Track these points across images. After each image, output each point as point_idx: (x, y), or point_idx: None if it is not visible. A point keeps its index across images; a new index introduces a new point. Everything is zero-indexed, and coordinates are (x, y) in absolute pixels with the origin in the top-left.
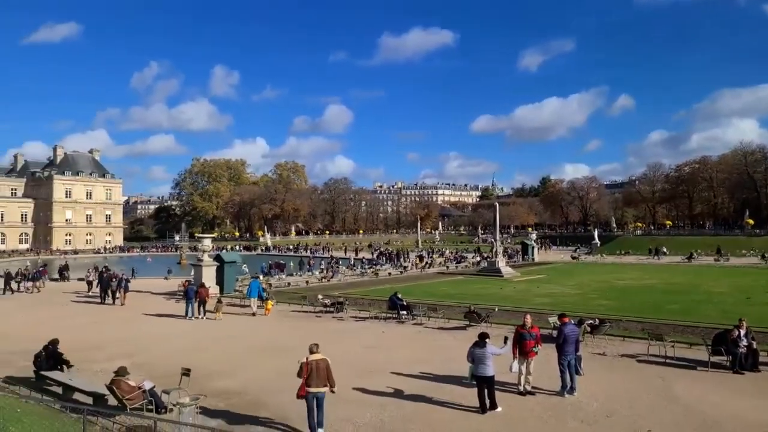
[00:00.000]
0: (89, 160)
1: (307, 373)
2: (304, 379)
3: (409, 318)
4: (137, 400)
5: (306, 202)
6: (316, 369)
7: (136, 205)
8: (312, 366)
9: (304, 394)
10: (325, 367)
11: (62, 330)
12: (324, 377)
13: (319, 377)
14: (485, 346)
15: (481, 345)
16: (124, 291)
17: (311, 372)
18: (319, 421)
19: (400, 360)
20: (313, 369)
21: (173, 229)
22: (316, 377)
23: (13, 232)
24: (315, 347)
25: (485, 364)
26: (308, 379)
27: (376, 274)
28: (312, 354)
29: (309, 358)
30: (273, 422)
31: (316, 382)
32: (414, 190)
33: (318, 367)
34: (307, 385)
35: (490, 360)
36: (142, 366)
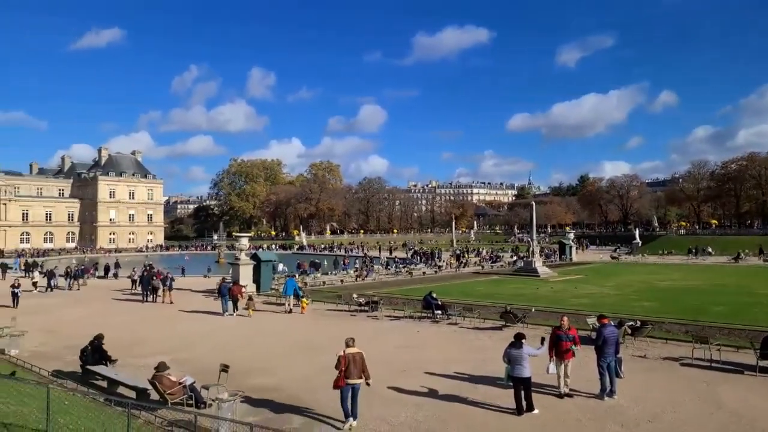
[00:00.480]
0: (132, 161)
1: (344, 366)
2: (342, 371)
3: (443, 318)
4: (178, 395)
5: (341, 201)
6: (352, 361)
7: (176, 205)
8: (349, 358)
9: (342, 385)
10: (361, 360)
11: (106, 326)
12: (360, 369)
13: (355, 369)
14: (522, 347)
15: (518, 346)
16: (169, 289)
17: (348, 364)
18: (353, 411)
19: (435, 360)
20: (350, 361)
21: (212, 229)
22: (353, 369)
23: (61, 231)
24: (351, 341)
25: (522, 365)
26: (345, 371)
27: (410, 274)
28: (348, 347)
29: (346, 351)
30: (309, 417)
31: (353, 374)
32: (449, 189)
33: (354, 360)
34: (345, 376)
35: (527, 361)
36: (182, 362)
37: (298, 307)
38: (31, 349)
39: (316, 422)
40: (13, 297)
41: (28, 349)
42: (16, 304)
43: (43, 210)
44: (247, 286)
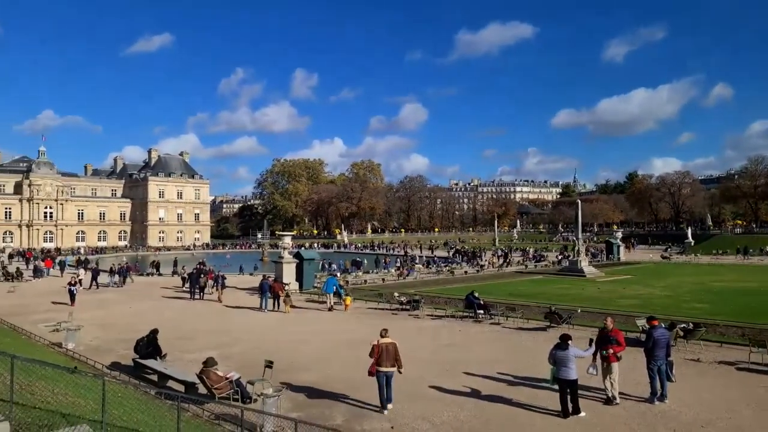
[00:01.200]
0: (180, 162)
1: (377, 354)
2: (375, 359)
3: (486, 317)
4: (224, 390)
5: (382, 200)
6: (385, 350)
7: (221, 205)
8: (382, 348)
9: (374, 372)
10: (394, 350)
11: (156, 322)
12: (392, 358)
13: (388, 358)
14: (568, 348)
15: (564, 347)
16: (221, 288)
17: (381, 353)
18: (388, 396)
19: (478, 360)
20: (383, 350)
21: (256, 227)
22: (386, 358)
23: (113, 230)
24: (384, 332)
25: (568, 367)
26: (379, 360)
27: (452, 273)
28: (382, 338)
29: (380, 341)
30: (352, 413)
31: (386, 362)
32: (491, 188)
33: (387, 349)
34: (377, 364)
35: (573, 362)
36: (228, 357)
37: (339, 305)
38: (86, 342)
39: (357, 418)
40: (70, 294)
41: (83, 343)
42: (73, 301)
43: (97, 209)
44: (290, 284)
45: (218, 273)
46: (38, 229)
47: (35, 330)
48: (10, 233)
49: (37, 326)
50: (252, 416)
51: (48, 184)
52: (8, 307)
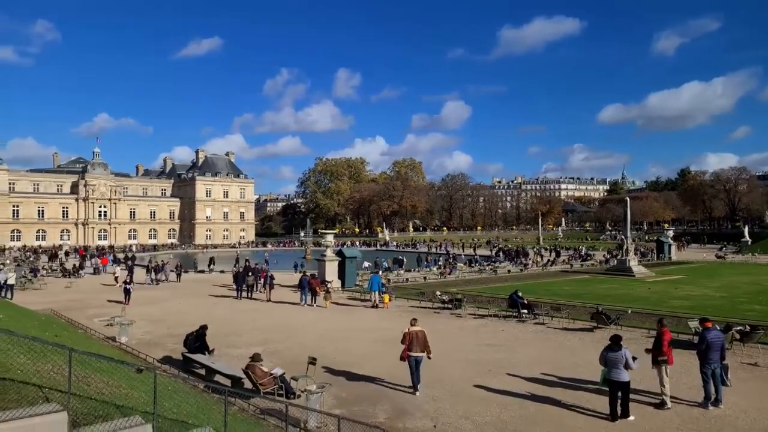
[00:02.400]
0: (226, 162)
1: (408, 341)
2: (407, 346)
3: (530, 317)
4: (269, 386)
5: (423, 198)
6: (415, 337)
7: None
8: (412, 335)
9: (406, 356)
10: (423, 337)
11: (204, 318)
12: (422, 344)
13: (418, 344)
14: (620, 350)
15: (616, 348)
16: (269, 287)
17: (412, 340)
18: (417, 379)
19: (522, 360)
20: (413, 337)
21: (299, 226)
22: (416, 344)
23: (163, 228)
24: (414, 321)
25: (619, 369)
26: (410, 346)
27: (494, 272)
28: (412, 326)
29: (410, 329)
30: (395, 410)
31: (416, 348)
32: (535, 185)
33: (417, 336)
34: (408, 350)
35: (628, 364)
36: (273, 353)
37: (383, 303)
38: (138, 337)
39: (400, 416)
40: (126, 293)
41: (135, 337)
42: (128, 300)
43: (147, 208)
44: (333, 282)
45: (267, 272)
46: (93, 228)
47: (91, 324)
48: (67, 231)
49: (92, 321)
50: (296, 412)
51: (102, 184)
52: (65, 302)
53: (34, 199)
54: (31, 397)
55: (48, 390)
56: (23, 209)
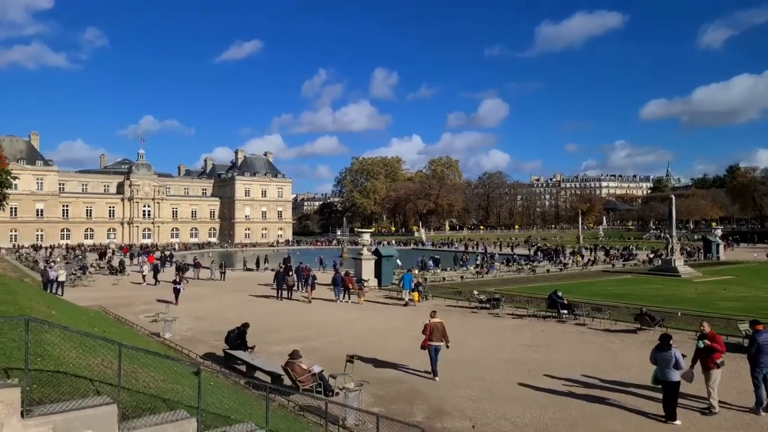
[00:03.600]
0: (264, 162)
1: (429, 331)
2: (427, 336)
3: (570, 318)
4: (308, 383)
5: (460, 196)
6: (435, 328)
7: (303, 203)
8: (432, 326)
9: (426, 346)
10: (442, 328)
11: (244, 315)
12: (440, 335)
13: (436, 334)
14: (670, 349)
15: (665, 348)
16: (311, 288)
17: (432, 330)
18: (437, 365)
19: (562, 361)
20: (433, 328)
21: (335, 224)
22: (435, 334)
23: (204, 227)
24: (434, 313)
25: (669, 369)
26: (429, 336)
27: (533, 271)
28: (432, 318)
29: (430, 321)
30: (432, 410)
31: (435, 338)
32: (574, 183)
33: (436, 327)
34: (429, 339)
35: (674, 364)
36: (311, 351)
37: (413, 301)
38: (181, 333)
39: (438, 415)
40: (175, 292)
41: (179, 333)
42: (177, 300)
43: (189, 208)
44: (369, 281)
45: (309, 273)
46: (138, 226)
47: (136, 320)
48: (114, 230)
49: (138, 317)
50: (334, 409)
51: (146, 184)
52: (113, 299)
53: (82, 199)
54: (83, 390)
55: (98, 383)
56: (72, 209)
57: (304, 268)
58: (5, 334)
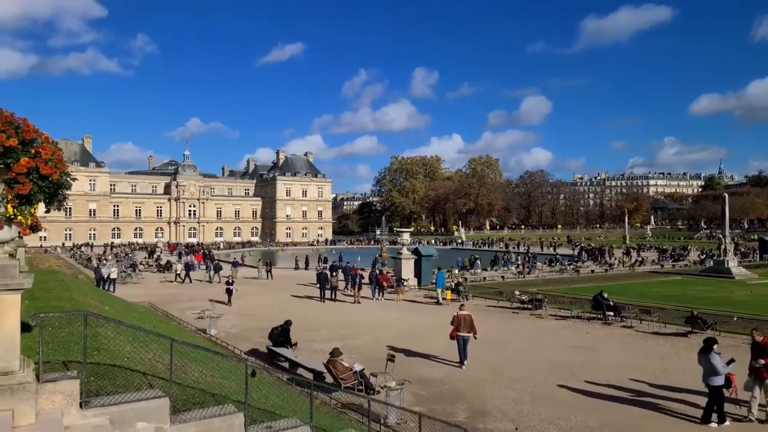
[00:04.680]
0: (304, 162)
1: (457, 323)
2: (456, 327)
3: (616, 320)
4: (349, 380)
5: (500, 196)
6: (463, 320)
7: (342, 202)
8: (460, 318)
9: (455, 336)
10: (470, 320)
11: (287, 313)
12: (468, 326)
13: (465, 326)
14: (709, 353)
15: (705, 350)
16: (358, 288)
17: (460, 322)
18: (465, 355)
19: (608, 363)
20: (461, 320)
21: (374, 224)
22: (463, 325)
23: (246, 226)
24: (462, 307)
25: (709, 373)
26: (458, 327)
27: (576, 272)
28: (460, 311)
29: (459, 313)
30: (473, 411)
31: (463, 328)
32: (620, 181)
33: (465, 319)
34: (457, 330)
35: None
36: (352, 349)
37: (445, 300)
38: (226, 330)
39: (480, 416)
40: (228, 293)
41: (224, 330)
42: (230, 301)
43: (232, 207)
44: (409, 280)
45: (356, 272)
46: (184, 226)
47: (183, 317)
48: (161, 229)
49: (184, 313)
50: (376, 407)
51: (192, 184)
52: (161, 296)
53: (132, 200)
54: (136, 383)
55: (151, 377)
56: (122, 209)
57: (351, 268)
58: (64, 328)
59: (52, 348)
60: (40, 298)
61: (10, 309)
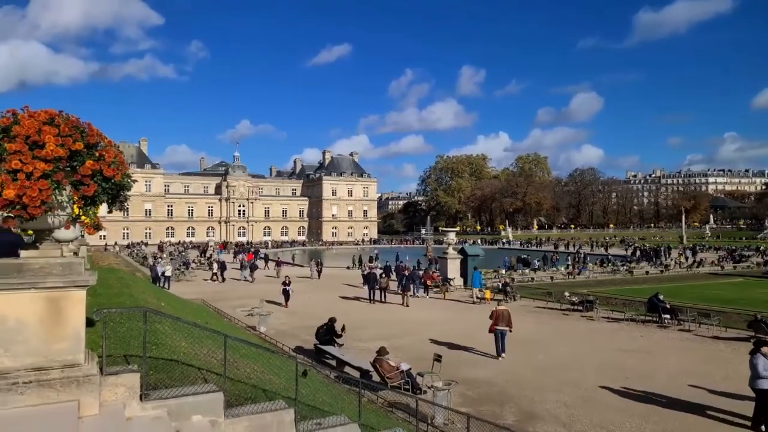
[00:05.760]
0: (350, 162)
1: (495, 317)
2: (494, 321)
3: (673, 323)
4: (396, 380)
5: (549, 194)
6: (501, 314)
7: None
8: (498, 312)
9: (494, 329)
10: (508, 315)
11: (333, 311)
12: (506, 320)
13: (502, 320)
14: (754, 355)
15: (753, 352)
16: (406, 290)
17: (498, 316)
18: (503, 347)
19: (664, 368)
20: (499, 314)
21: (419, 223)
22: (501, 320)
23: (294, 226)
24: (499, 302)
25: (753, 376)
26: (496, 321)
27: (630, 273)
28: (499, 306)
29: (497, 308)
30: (522, 415)
31: (501, 323)
32: (676, 179)
33: (502, 314)
34: (495, 324)
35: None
36: (397, 348)
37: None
38: (275, 327)
39: (530, 419)
40: (285, 295)
41: (273, 327)
42: (287, 302)
43: (280, 207)
44: (455, 279)
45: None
46: (233, 225)
47: (233, 314)
48: (212, 229)
49: (235, 310)
50: (423, 407)
51: (241, 185)
52: (212, 293)
53: (184, 200)
54: (191, 377)
55: (205, 372)
56: (176, 209)
57: (403, 267)
58: (124, 323)
59: (113, 342)
60: (102, 295)
61: (76, 304)
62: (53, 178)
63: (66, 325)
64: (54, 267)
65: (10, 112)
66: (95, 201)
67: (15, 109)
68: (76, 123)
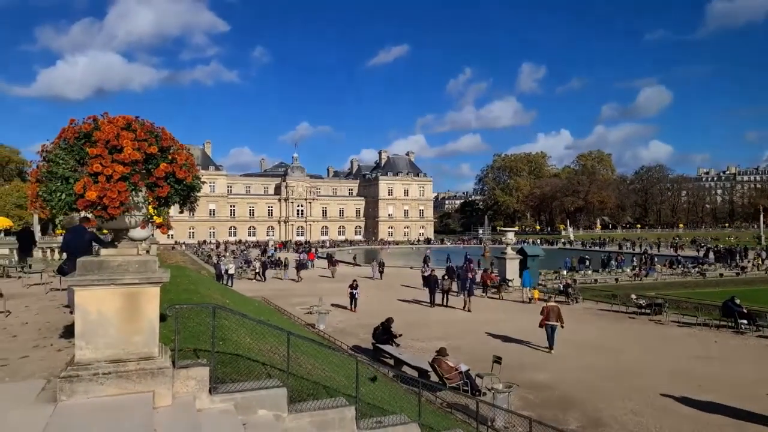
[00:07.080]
0: (406, 162)
1: (546, 313)
2: (545, 317)
3: (750, 328)
4: (454, 380)
5: (613, 193)
6: (551, 310)
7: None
8: (549, 309)
9: (544, 324)
10: (558, 311)
11: (391, 310)
12: (556, 316)
13: (552, 315)
14: None
15: None
16: (468, 294)
17: (548, 312)
18: (553, 342)
19: (741, 376)
20: (549, 310)
21: (477, 223)
22: (551, 315)
23: (350, 225)
24: (549, 297)
25: None
26: (547, 316)
27: (702, 275)
28: (548, 302)
29: (548, 304)
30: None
31: (551, 318)
32: (754, 176)
33: (552, 309)
34: (546, 319)
35: None
36: (455, 349)
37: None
38: (333, 325)
39: (594, 426)
40: (352, 299)
41: (331, 325)
42: (355, 306)
43: (337, 207)
44: (514, 280)
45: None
46: (292, 225)
47: (293, 311)
48: (272, 228)
49: (294, 308)
50: (483, 409)
51: (299, 185)
52: (273, 291)
53: (246, 200)
54: (256, 372)
55: (269, 367)
56: (238, 209)
57: (466, 269)
58: (193, 318)
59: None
60: (171, 291)
61: (151, 300)
62: (131, 180)
63: (142, 320)
64: (131, 264)
65: (91, 118)
66: (168, 202)
67: (96, 116)
68: (151, 128)
